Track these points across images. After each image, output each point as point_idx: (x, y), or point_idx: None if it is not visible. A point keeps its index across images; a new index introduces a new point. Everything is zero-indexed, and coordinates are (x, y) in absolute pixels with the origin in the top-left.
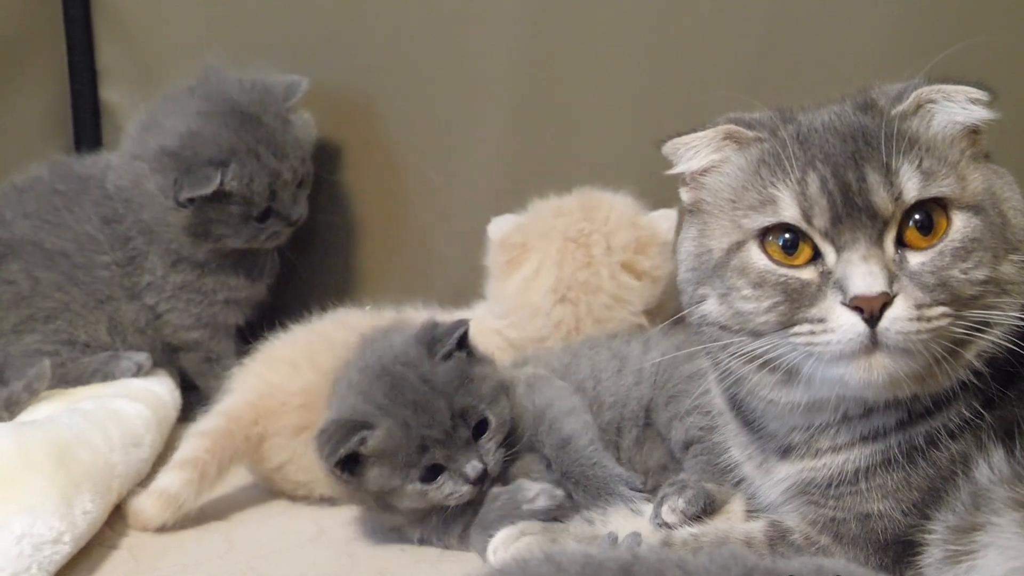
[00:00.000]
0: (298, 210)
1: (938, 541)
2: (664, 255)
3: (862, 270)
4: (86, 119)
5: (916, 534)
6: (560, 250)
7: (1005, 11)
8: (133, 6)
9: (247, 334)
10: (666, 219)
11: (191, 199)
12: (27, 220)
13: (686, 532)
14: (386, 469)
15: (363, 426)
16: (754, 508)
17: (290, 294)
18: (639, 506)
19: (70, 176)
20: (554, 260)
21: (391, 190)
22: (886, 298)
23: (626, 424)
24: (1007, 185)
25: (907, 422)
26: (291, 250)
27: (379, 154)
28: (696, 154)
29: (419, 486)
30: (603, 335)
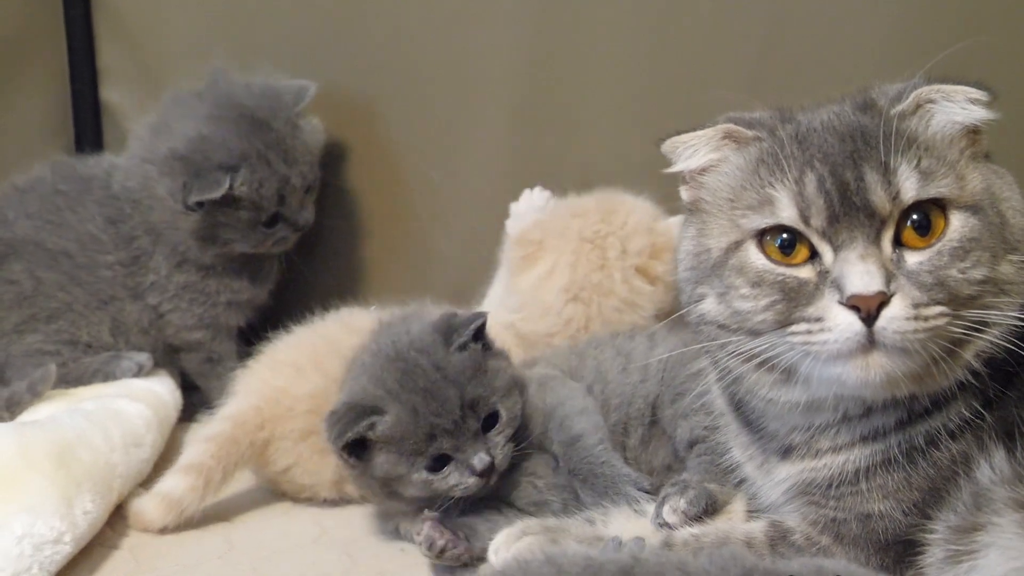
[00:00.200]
0: (305, 216)
1: (939, 541)
2: None
3: (859, 269)
4: (87, 119)
5: (917, 534)
6: (575, 250)
7: (1005, 10)
8: (134, 6)
9: (248, 335)
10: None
11: (200, 203)
12: (29, 220)
13: (687, 533)
14: (393, 455)
15: (373, 411)
16: (755, 508)
17: (292, 295)
18: (643, 507)
19: (73, 176)
20: (568, 260)
21: (393, 191)
22: (883, 297)
23: (632, 423)
24: (1007, 185)
25: (907, 422)
26: (295, 252)
27: (381, 155)
28: (695, 153)
29: (425, 475)
30: (607, 333)
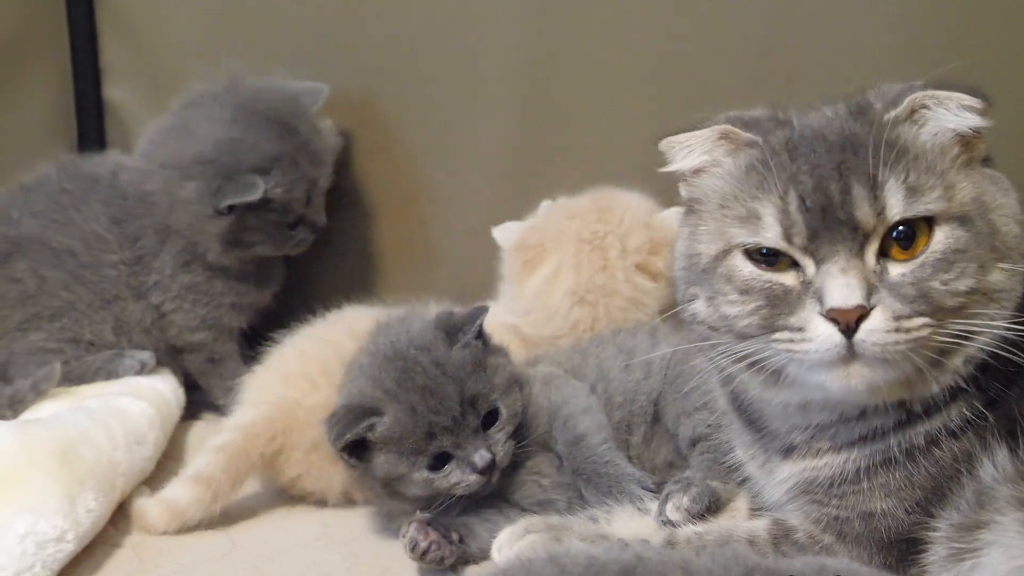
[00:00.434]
0: (323, 217)
1: (942, 539)
2: None
3: (839, 282)
4: (90, 118)
5: (920, 532)
6: (576, 252)
7: (1007, 10)
8: (136, 4)
9: (250, 336)
10: (680, 217)
11: (231, 207)
12: (34, 219)
13: (690, 530)
14: (393, 455)
15: (371, 412)
16: (758, 507)
17: (293, 296)
18: (647, 505)
19: (78, 175)
20: (571, 263)
21: (394, 191)
22: (862, 311)
23: (635, 420)
24: (1001, 192)
25: (906, 423)
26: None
27: (381, 155)
28: (690, 153)
29: (426, 474)
30: (609, 331)
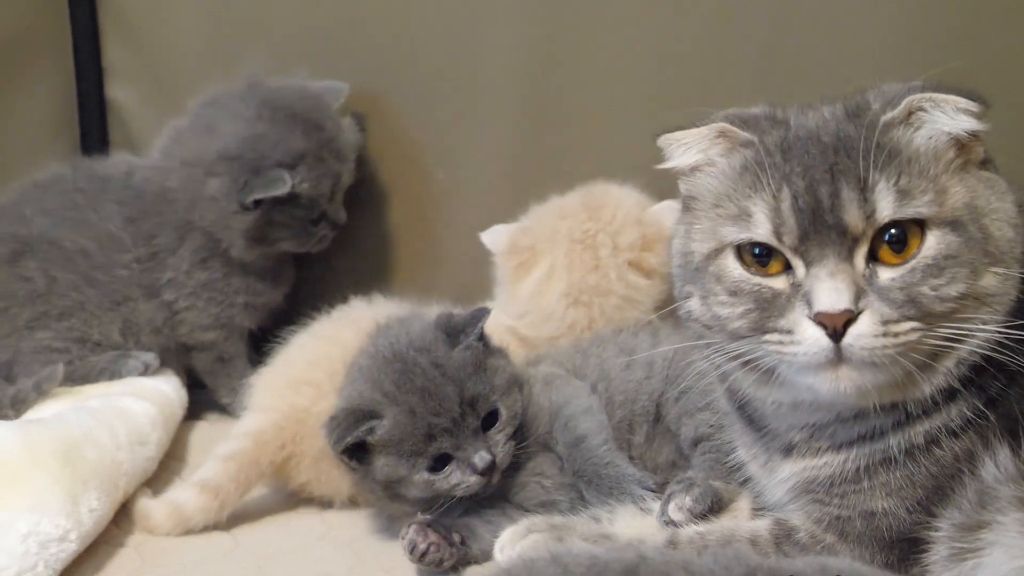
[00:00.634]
0: (343, 214)
1: (944, 539)
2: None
3: (827, 286)
4: (92, 117)
5: (922, 532)
6: (568, 253)
7: (1008, 9)
8: (139, 4)
9: (257, 336)
10: (671, 211)
11: (257, 202)
12: (47, 218)
13: (692, 531)
14: (393, 458)
15: (370, 415)
16: (760, 507)
17: (300, 294)
18: (649, 504)
19: (92, 176)
20: (563, 264)
21: (397, 189)
22: (849, 315)
23: (637, 420)
24: (996, 196)
25: (905, 422)
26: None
27: (384, 153)
28: (687, 151)
29: (426, 475)
30: (610, 331)
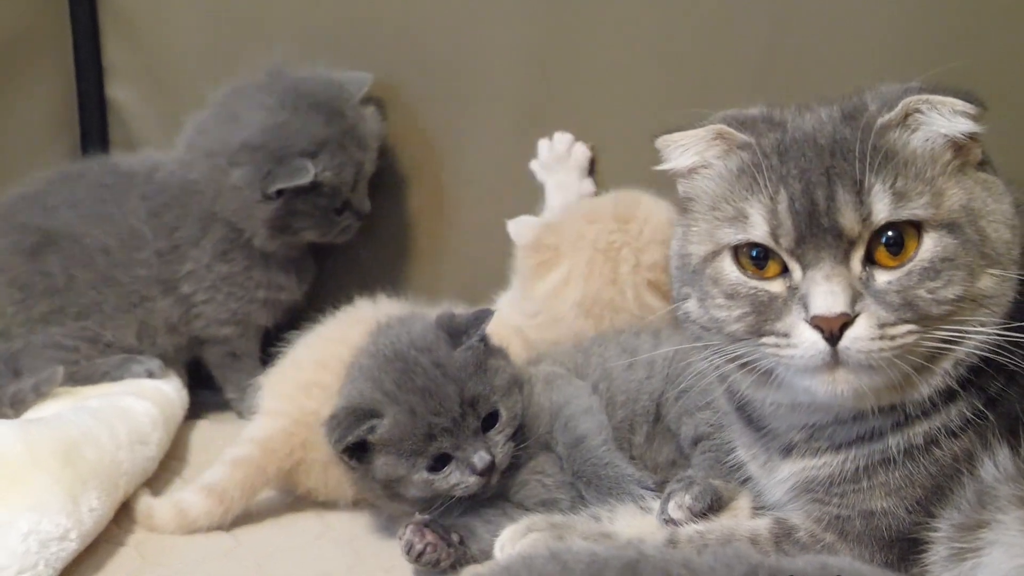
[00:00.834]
0: (367, 203)
1: (943, 539)
2: None
3: (823, 289)
4: (93, 117)
5: (921, 532)
6: (589, 261)
7: (1009, 9)
8: (140, 4)
9: (270, 333)
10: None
11: (280, 191)
12: (72, 210)
13: (691, 529)
14: (393, 457)
15: (371, 414)
16: (760, 506)
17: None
18: (649, 503)
19: (117, 171)
20: (582, 272)
21: (402, 189)
22: (846, 319)
23: (638, 420)
24: (994, 197)
25: (904, 423)
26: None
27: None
28: (684, 152)
29: (426, 475)
30: (612, 331)
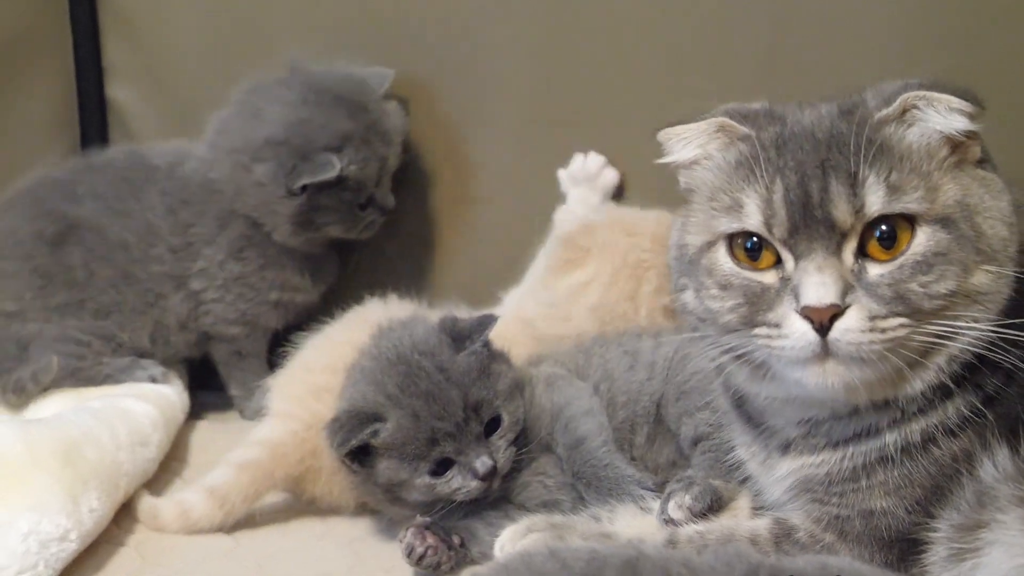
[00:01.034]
0: (391, 199)
1: (943, 539)
2: None
3: (815, 280)
4: (92, 117)
5: (921, 532)
6: (615, 272)
7: (1010, 8)
8: (139, 4)
9: (280, 335)
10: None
11: (304, 186)
12: (97, 201)
13: (691, 529)
14: (395, 461)
15: (375, 418)
16: (760, 506)
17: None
18: (649, 503)
19: (139, 164)
20: (605, 280)
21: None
22: (836, 310)
23: (639, 421)
24: (991, 194)
25: (901, 420)
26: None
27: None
28: (686, 145)
29: (428, 479)
30: (614, 332)
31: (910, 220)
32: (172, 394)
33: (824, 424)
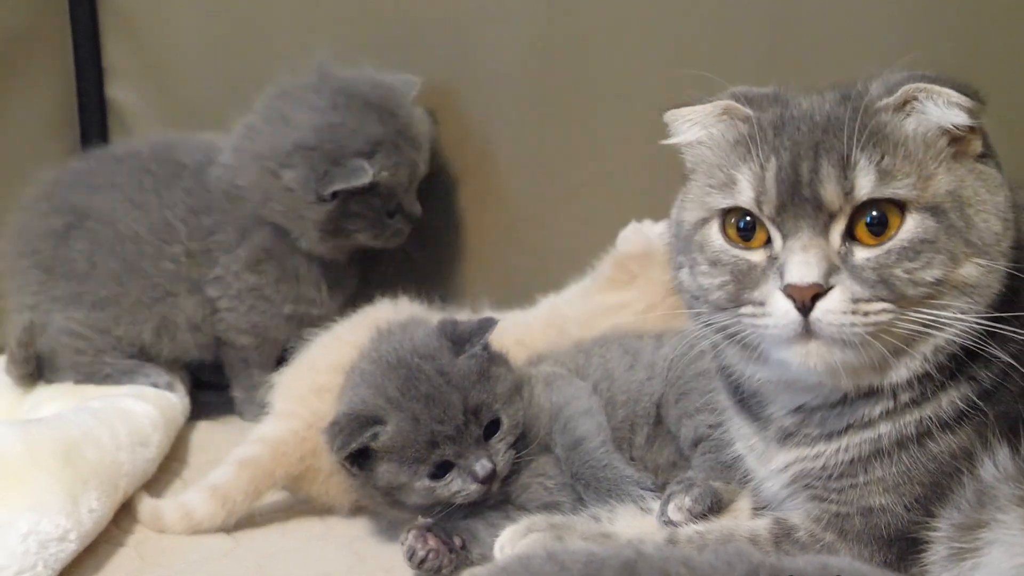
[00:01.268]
0: (418, 207)
1: (943, 538)
2: None
3: (799, 259)
4: (92, 117)
5: (920, 531)
6: (650, 307)
7: (1013, 7)
8: (139, 4)
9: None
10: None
11: (335, 193)
12: (113, 191)
13: (691, 530)
14: (395, 464)
15: (375, 421)
16: (759, 506)
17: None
18: (649, 504)
19: (169, 159)
20: (639, 310)
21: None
22: (818, 289)
23: (639, 421)
24: (988, 189)
25: (893, 411)
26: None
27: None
28: (692, 127)
29: (427, 482)
30: (614, 333)
31: (901, 208)
32: (173, 396)
33: (817, 413)
